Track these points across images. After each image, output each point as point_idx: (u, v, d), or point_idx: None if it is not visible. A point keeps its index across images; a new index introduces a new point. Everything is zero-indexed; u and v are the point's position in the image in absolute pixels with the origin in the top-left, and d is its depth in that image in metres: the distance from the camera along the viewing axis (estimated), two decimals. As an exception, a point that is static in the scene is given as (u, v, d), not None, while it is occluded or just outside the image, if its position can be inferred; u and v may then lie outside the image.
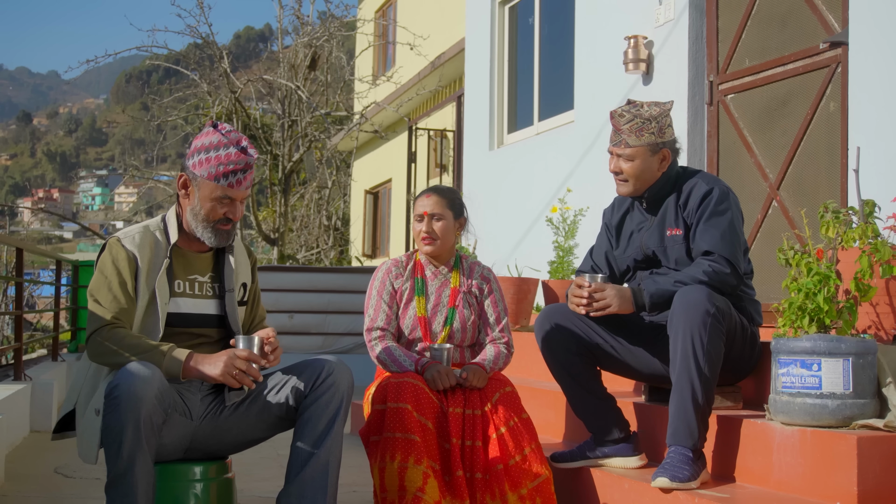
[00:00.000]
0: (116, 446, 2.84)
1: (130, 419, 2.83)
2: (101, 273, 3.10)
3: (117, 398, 2.83)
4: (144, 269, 3.12)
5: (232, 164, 3.15)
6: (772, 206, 5.55)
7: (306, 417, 3.12)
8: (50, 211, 49.83)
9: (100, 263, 3.12)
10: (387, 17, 17.25)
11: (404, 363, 3.65)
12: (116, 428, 2.83)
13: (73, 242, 75.44)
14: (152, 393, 2.88)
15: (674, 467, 3.25)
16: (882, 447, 3.04)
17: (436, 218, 3.80)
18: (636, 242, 3.76)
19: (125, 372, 2.87)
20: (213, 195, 3.16)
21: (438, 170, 14.21)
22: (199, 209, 3.18)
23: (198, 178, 3.17)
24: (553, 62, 8.18)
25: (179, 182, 3.22)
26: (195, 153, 3.17)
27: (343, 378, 3.15)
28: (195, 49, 16.22)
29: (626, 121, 3.66)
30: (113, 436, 2.84)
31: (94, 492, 4.41)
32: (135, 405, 2.84)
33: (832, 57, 5.13)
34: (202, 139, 3.19)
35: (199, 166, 3.16)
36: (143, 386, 2.85)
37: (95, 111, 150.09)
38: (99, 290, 3.08)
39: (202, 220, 3.19)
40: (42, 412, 6.40)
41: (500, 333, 3.88)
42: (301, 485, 3.09)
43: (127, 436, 2.83)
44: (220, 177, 3.15)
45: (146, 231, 3.20)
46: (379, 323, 3.76)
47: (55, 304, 9.08)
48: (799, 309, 3.27)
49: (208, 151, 3.15)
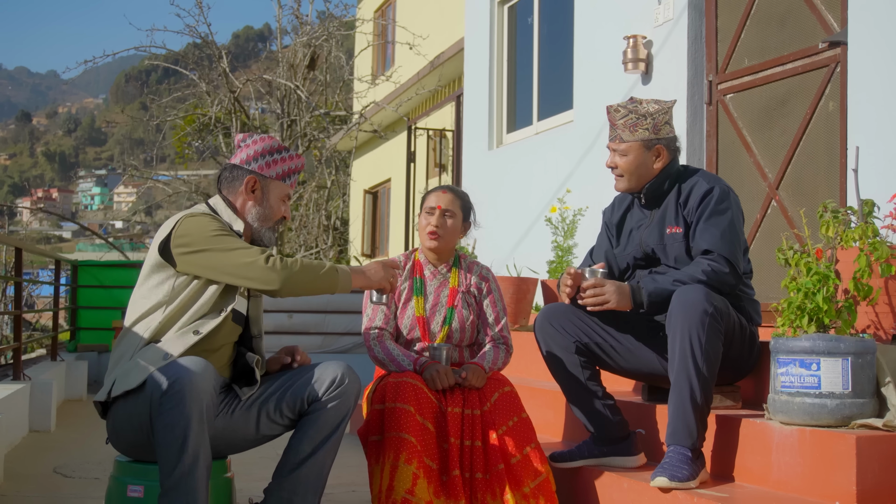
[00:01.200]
0: (180, 443, 2.81)
1: (195, 411, 2.83)
2: (211, 229, 3.10)
3: (179, 391, 2.82)
4: None
5: (295, 164, 3.37)
6: (771, 206, 5.55)
7: (313, 419, 3.17)
8: (49, 211, 49.83)
9: (204, 224, 3.11)
10: (386, 17, 17.24)
11: (403, 362, 3.65)
12: (181, 423, 2.81)
13: (72, 242, 75.36)
14: (211, 384, 2.92)
15: (673, 467, 3.25)
16: (881, 447, 3.04)
17: (448, 214, 3.81)
18: (636, 240, 3.76)
19: (179, 366, 2.87)
20: (282, 194, 3.35)
21: (438, 169, 14.20)
22: (269, 210, 3.33)
23: (267, 179, 3.31)
24: (552, 62, 8.18)
25: (248, 185, 3.29)
26: (259, 156, 3.31)
27: (354, 387, 3.23)
28: (194, 49, 16.20)
29: (620, 116, 3.68)
30: (176, 433, 2.81)
31: (93, 491, 4.41)
32: (198, 396, 2.85)
33: (831, 56, 5.13)
34: (263, 144, 3.33)
35: (269, 168, 3.31)
36: (203, 377, 2.88)
37: (94, 111, 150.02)
38: (222, 239, 3.09)
39: (269, 219, 3.33)
40: (41, 412, 6.40)
41: (500, 333, 3.88)
42: (295, 482, 3.15)
43: (193, 430, 2.83)
44: (286, 177, 3.35)
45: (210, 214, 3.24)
46: (377, 322, 3.75)
47: (54, 304, 9.07)
48: (798, 308, 3.27)
49: (273, 154, 3.32)
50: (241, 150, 3.35)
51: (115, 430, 3.09)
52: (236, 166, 3.33)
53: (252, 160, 3.31)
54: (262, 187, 3.30)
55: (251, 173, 3.30)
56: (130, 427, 3.02)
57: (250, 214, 3.30)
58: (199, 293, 3.13)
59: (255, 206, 3.30)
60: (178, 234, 3.12)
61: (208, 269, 3.09)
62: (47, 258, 10.83)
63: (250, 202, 3.30)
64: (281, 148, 3.35)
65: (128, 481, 3.04)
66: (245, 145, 3.35)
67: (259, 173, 3.30)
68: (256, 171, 3.30)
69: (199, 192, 17.50)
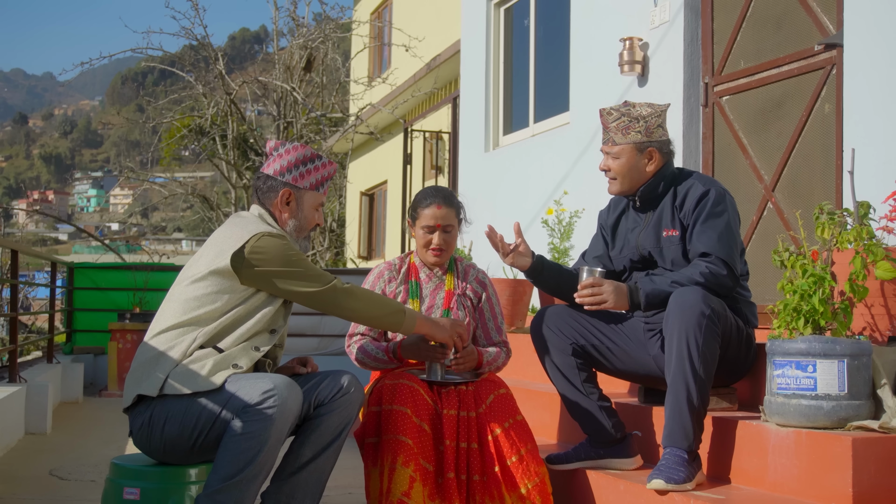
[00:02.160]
0: (253, 454, 2.87)
1: (277, 430, 2.91)
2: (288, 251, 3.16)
3: (272, 409, 2.88)
4: None
5: (327, 172, 3.40)
6: (767, 208, 5.56)
7: (317, 423, 3.19)
8: (45, 213, 49.75)
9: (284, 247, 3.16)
10: (382, 19, 17.25)
11: (377, 355, 3.69)
12: (262, 437, 2.88)
13: (68, 244, 75.27)
14: (299, 408, 3.01)
15: (669, 469, 3.25)
16: (877, 448, 3.04)
17: (448, 229, 3.79)
18: (632, 243, 3.77)
19: (278, 383, 2.92)
20: (316, 203, 3.39)
21: (434, 171, 14.20)
22: (304, 220, 3.37)
23: (301, 190, 3.33)
24: (548, 64, 8.19)
25: (283, 198, 3.31)
26: (294, 167, 3.32)
27: (358, 396, 3.25)
28: (190, 51, 16.20)
29: (613, 119, 3.69)
30: (253, 444, 2.87)
31: (89, 494, 4.41)
32: (286, 418, 2.94)
33: (827, 59, 5.14)
34: (296, 153, 3.34)
35: (303, 178, 3.33)
36: (294, 399, 2.96)
37: (91, 113, 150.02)
38: (301, 261, 3.18)
39: (304, 230, 3.38)
40: (37, 414, 6.39)
41: (501, 339, 3.91)
42: (294, 486, 3.16)
43: (270, 446, 2.90)
44: (319, 186, 3.37)
45: None
46: (360, 329, 3.78)
47: (50, 306, 9.06)
48: (794, 310, 3.28)
49: (307, 164, 3.34)
50: (274, 159, 3.35)
51: (152, 423, 3.02)
52: (270, 177, 3.34)
53: (286, 171, 3.32)
54: (296, 199, 3.34)
55: (286, 185, 3.32)
56: (180, 424, 2.99)
57: (289, 225, 3.34)
58: (257, 308, 3.15)
59: (290, 218, 3.34)
60: (255, 249, 3.13)
61: (282, 291, 3.17)
62: (43, 260, 10.80)
63: (286, 215, 3.34)
64: (314, 156, 3.36)
65: (124, 483, 3.04)
66: (278, 154, 3.35)
67: (293, 185, 3.32)
68: (291, 184, 3.32)
69: (195, 195, 17.50)
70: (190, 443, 3.00)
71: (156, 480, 3.01)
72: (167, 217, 57.20)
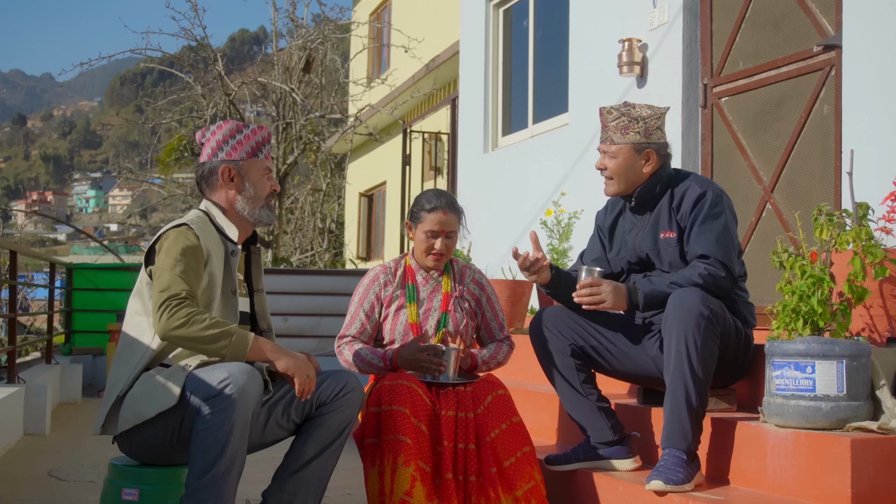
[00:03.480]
0: (220, 447, 2.82)
1: (240, 419, 2.84)
2: (174, 253, 3.00)
3: (229, 397, 2.81)
4: (215, 259, 3.12)
5: (260, 137, 3.30)
6: (766, 209, 5.56)
7: (319, 422, 3.20)
8: (44, 213, 49.74)
9: (170, 245, 3.03)
10: (381, 20, 17.25)
11: (372, 360, 3.68)
12: (225, 428, 2.81)
13: (66, 245, 75.30)
14: (259, 392, 2.91)
15: (668, 470, 3.25)
16: (876, 449, 3.04)
17: (450, 236, 3.79)
18: (629, 245, 3.77)
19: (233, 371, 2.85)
20: (261, 170, 3.28)
21: (433, 172, 14.20)
22: (254, 190, 3.26)
23: (240, 163, 3.25)
24: (547, 65, 8.19)
25: (225, 176, 3.24)
26: (223, 145, 3.25)
27: (358, 395, 3.26)
28: (189, 51, 16.21)
29: (612, 118, 3.69)
30: (218, 436, 2.81)
31: (88, 495, 4.40)
32: (247, 404, 2.85)
33: (826, 60, 5.14)
34: (221, 131, 3.26)
35: (236, 150, 3.25)
36: (253, 385, 2.87)
37: (89, 114, 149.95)
38: (174, 266, 2.97)
39: (258, 199, 3.27)
40: (35, 415, 6.39)
41: (503, 335, 3.94)
42: (297, 484, 3.18)
43: (235, 436, 2.83)
44: (258, 151, 3.28)
45: (203, 221, 3.18)
46: (351, 331, 3.79)
47: (49, 307, 9.05)
48: (793, 311, 3.28)
49: (234, 137, 3.26)
50: (204, 146, 3.30)
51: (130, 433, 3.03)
52: (206, 163, 3.28)
53: (218, 150, 3.25)
54: (238, 173, 3.24)
55: (222, 163, 3.25)
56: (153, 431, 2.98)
57: (239, 204, 3.25)
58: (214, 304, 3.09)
59: (239, 195, 3.25)
60: (157, 247, 3.08)
61: None
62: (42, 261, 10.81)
63: (233, 192, 3.25)
64: (240, 127, 3.28)
65: (123, 484, 3.04)
66: (206, 140, 3.30)
67: (229, 160, 3.24)
68: (226, 159, 3.24)
69: (194, 196, 17.49)
70: (166, 443, 3.00)
71: (154, 482, 3.01)
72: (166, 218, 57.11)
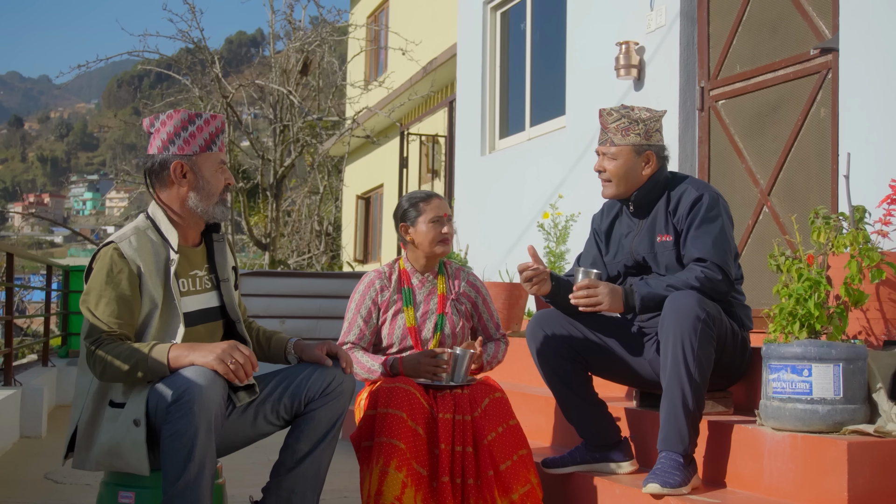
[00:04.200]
0: (187, 452, 2.77)
1: (203, 421, 2.78)
2: (98, 283, 2.94)
3: (188, 402, 2.76)
4: (148, 274, 3.00)
5: (213, 128, 3.12)
6: (763, 212, 5.56)
7: (310, 417, 3.17)
8: (41, 216, 49.72)
9: (96, 273, 2.96)
10: (379, 23, 17.25)
11: (372, 366, 3.68)
12: (189, 432, 2.76)
13: (63, 247, 75.21)
14: (220, 394, 2.86)
15: (665, 473, 3.25)
16: (872, 453, 3.04)
17: (450, 218, 3.87)
18: (626, 248, 3.77)
19: (186, 377, 2.80)
20: (215, 164, 3.12)
21: (430, 175, 14.21)
22: (207, 185, 3.10)
23: (192, 157, 3.09)
24: (545, 67, 8.19)
25: (177, 173, 3.08)
26: (174, 137, 3.07)
27: (349, 387, 3.23)
28: (187, 54, 16.20)
29: (613, 119, 3.69)
30: (183, 441, 2.77)
31: (84, 497, 4.40)
32: (207, 407, 2.79)
33: (822, 63, 5.14)
34: (172, 121, 3.09)
35: (189, 144, 3.08)
36: (212, 387, 2.81)
37: (87, 116, 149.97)
38: (97, 302, 2.92)
39: (212, 196, 3.12)
40: (32, 418, 6.38)
41: (499, 333, 3.98)
42: (295, 480, 3.17)
43: (200, 439, 2.78)
44: (211, 144, 3.11)
45: (140, 234, 3.06)
46: (350, 338, 3.79)
47: (45, 310, 9.04)
48: (789, 314, 3.28)
49: (187, 129, 3.08)
50: (153, 136, 3.10)
51: None
52: (155, 156, 3.10)
53: (169, 143, 3.07)
54: (191, 168, 3.08)
55: (174, 158, 3.07)
56: None
57: (191, 201, 3.10)
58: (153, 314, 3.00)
59: (191, 191, 3.09)
60: (90, 268, 3.00)
61: None
62: (39, 263, 10.80)
63: (184, 188, 3.09)
64: (192, 118, 3.09)
65: (119, 488, 3.03)
66: (156, 130, 3.10)
67: (181, 155, 3.07)
68: (178, 154, 3.06)
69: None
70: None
71: (150, 485, 3.00)
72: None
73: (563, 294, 3.66)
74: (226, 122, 3.20)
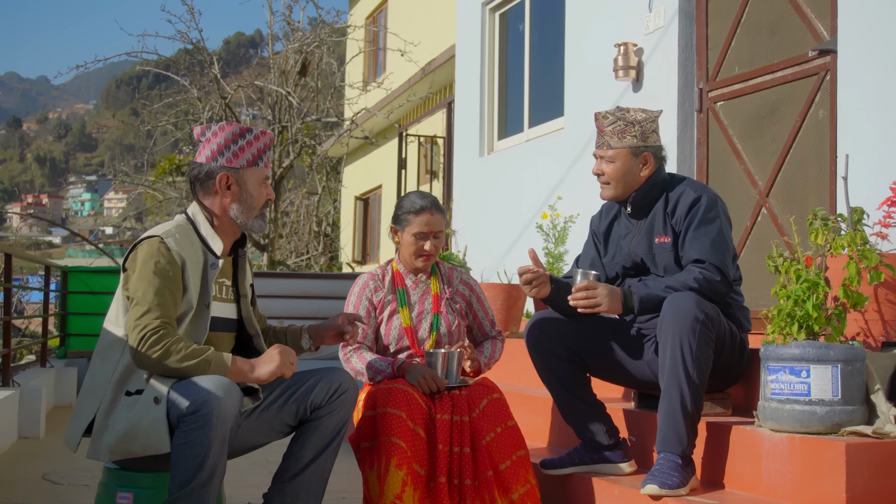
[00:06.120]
0: (199, 461, 2.80)
1: (218, 434, 2.81)
2: (147, 272, 2.95)
3: (206, 415, 2.78)
4: (191, 272, 3.03)
5: (262, 144, 3.19)
6: (761, 214, 5.57)
7: (315, 425, 3.20)
8: (39, 216, 49.68)
9: (142, 262, 2.97)
10: (377, 24, 17.25)
11: (381, 367, 3.67)
12: (203, 443, 2.79)
13: (62, 248, 75.14)
14: (237, 408, 2.89)
15: (663, 474, 3.25)
16: (870, 454, 3.04)
17: (437, 235, 3.82)
18: (624, 249, 3.77)
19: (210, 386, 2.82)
20: (259, 179, 3.17)
21: (429, 176, 14.21)
22: (250, 199, 3.16)
23: (239, 171, 3.14)
24: (543, 69, 8.20)
25: (222, 184, 3.13)
26: (225, 148, 3.13)
27: (353, 393, 3.26)
28: (185, 54, 16.20)
29: (609, 122, 3.69)
30: (197, 451, 2.79)
31: (82, 498, 4.40)
32: (224, 421, 2.82)
33: (821, 65, 5.15)
34: (224, 133, 3.15)
35: (237, 158, 3.14)
36: (230, 400, 2.83)
37: (85, 116, 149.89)
38: (146, 291, 2.93)
39: (253, 209, 3.18)
40: (30, 418, 6.37)
41: (495, 330, 3.99)
42: (298, 487, 3.19)
43: (214, 451, 2.81)
44: (258, 160, 3.17)
45: (183, 232, 3.09)
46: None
47: (44, 310, 9.03)
48: (788, 316, 3.28)
49: (237, 142, 3.14)
50: (203, 145, 3.17)
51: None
52: (204, 164, 3.16)
53: (218, 154, 3.13)
54: (236, 181, 3.14)
55: (222, 169, 3.13)
56: None
57: (233, 212, 3.16)
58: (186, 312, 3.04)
59: (234, 203, 3.15)
60: (132, 257, 3.01)
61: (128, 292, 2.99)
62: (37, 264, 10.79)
63: (228, 199, 3.15)
64: (244, 132, 3.16)
65: (117, 488, 3.03)
66: (206, 139, 3.16)
67: (229, 167, 3.13)
68: (226, 166, 3.13)
69: (189, 199, 17.47)
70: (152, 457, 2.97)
71: (148, 485, 3.00)
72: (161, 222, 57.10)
73: (562, 296, 3.66)
74: (274, 139, 3.24)
